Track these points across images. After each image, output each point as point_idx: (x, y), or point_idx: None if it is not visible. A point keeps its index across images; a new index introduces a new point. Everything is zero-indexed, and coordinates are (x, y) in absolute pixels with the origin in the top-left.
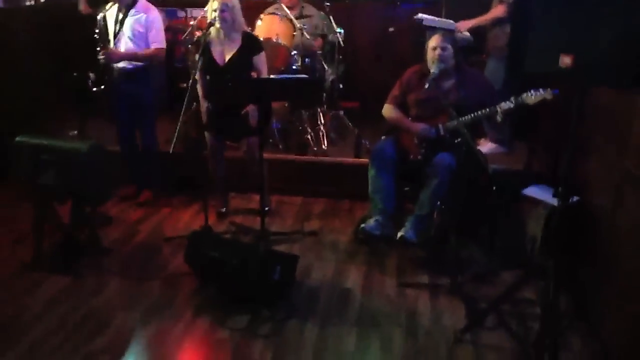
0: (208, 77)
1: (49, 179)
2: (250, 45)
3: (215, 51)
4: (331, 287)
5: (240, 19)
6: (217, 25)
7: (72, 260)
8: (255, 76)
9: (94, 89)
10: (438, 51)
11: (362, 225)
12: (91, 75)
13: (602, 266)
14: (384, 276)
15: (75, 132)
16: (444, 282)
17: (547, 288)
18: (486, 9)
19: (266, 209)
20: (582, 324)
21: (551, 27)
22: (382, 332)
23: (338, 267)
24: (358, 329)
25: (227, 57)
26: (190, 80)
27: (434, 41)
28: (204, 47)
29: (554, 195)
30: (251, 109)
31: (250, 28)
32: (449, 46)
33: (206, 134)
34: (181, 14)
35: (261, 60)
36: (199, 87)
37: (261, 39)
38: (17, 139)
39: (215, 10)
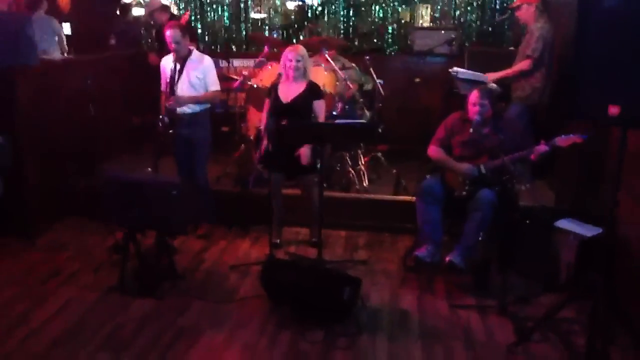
0: (271, 116)
1: (141, 211)
2: (313, 91)
3: (281, 91)
4: (390, 308)
5: (310, 68)
6: (290, 73)
7: (155, 285)
8: (314, 119)
9: (170, 131)
10: (477, 108)
11: (415, 253)
12: (165, 118)
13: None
14: (435, 299)
15: (149, 169)
16: (490, 303)
17: (595, 303)
18: (503, 61)
19: (314, 240)
20: (623, 339)
21: (600, 80)
22: (444, 345)
23: (393, 291)
24: (422, 342)
25: (291, 98)
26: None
27: (472, 97)
28: (273, 90)
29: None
30: (304, 149)
31: None
32: (486, 101)
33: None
34: (223, 63)
35: (320, 105)
36: (262, 127)
37: None
38: (107, 174)
39: (290, 60)
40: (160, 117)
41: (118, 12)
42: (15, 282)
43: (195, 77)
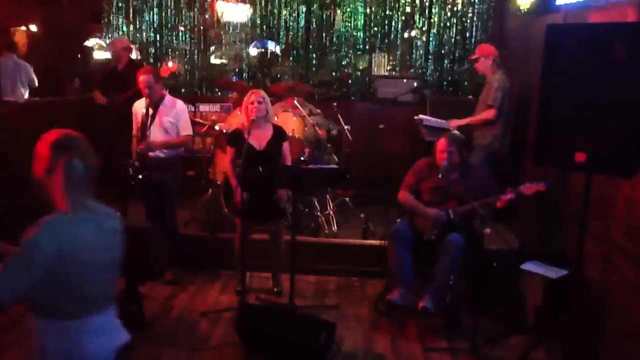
0: (244, 164)
1: None
2: (281, 134)
3: (252, 138)
4: (365, 352)
5: (272, 111)
6: (253, 114)
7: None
8: (283, 162)
9: (140, 176)
10: (445, 155)
11: (388, 297)
12: (136, 163)
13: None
14: (409, 342)
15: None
16: (462, 345)
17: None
18: (463, 109)
19: (275, 289)
20: None
21: (566, 129)
22: None
23: (366, 335)
24: None
25: (264, 144)
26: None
27: (441, 145)
28: (238, 137)
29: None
30: (282, 192)
31: None
32: (454, 148)
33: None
34: (190, 108)
35: (287, 147)
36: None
37: None
38: None
39: (253, 103)
40: (131, 162)
41: (80, 55)
42: None
43: (168, 121)
